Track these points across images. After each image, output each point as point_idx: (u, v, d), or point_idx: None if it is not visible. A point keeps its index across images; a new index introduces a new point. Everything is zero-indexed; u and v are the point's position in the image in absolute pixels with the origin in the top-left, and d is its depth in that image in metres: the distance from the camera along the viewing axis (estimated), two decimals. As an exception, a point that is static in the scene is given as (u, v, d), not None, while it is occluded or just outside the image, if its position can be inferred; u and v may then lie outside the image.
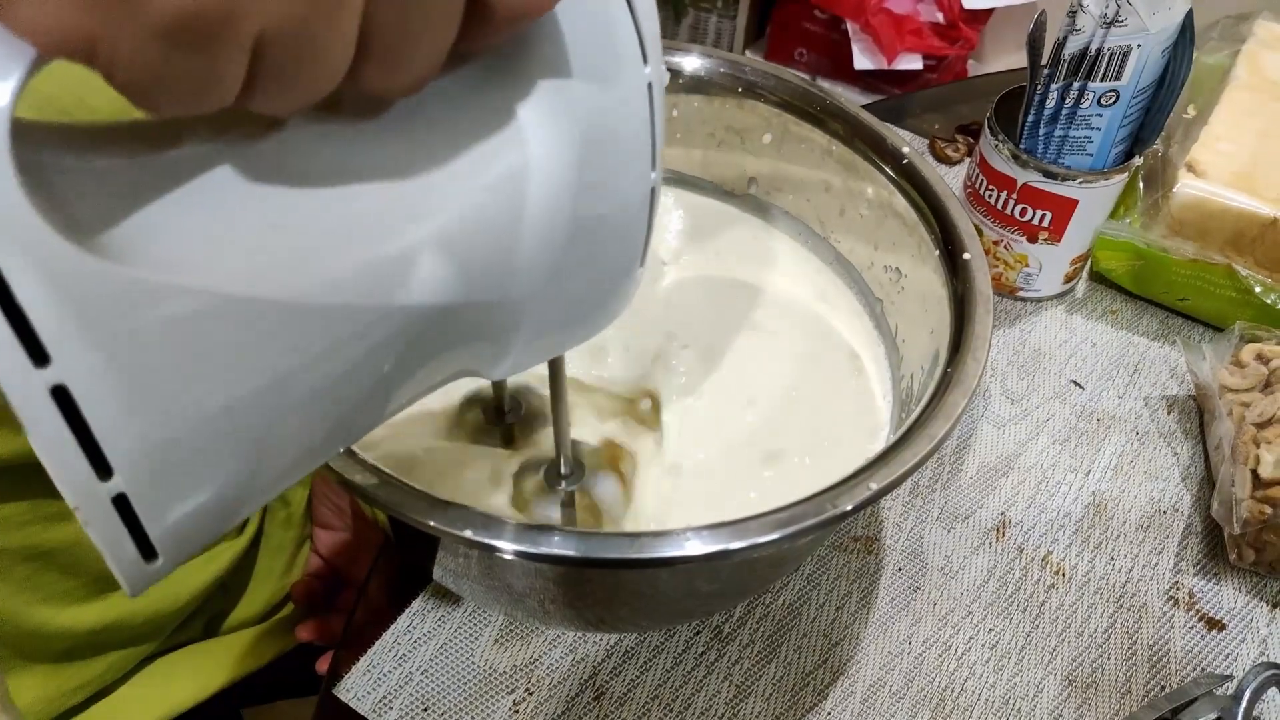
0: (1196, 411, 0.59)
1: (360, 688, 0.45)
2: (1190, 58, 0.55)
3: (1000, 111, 0.60)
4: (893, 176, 0.46)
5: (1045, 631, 0.49)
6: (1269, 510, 0.48)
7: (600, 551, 0.32)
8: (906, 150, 0.46)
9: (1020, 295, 0.64)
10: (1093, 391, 0.59)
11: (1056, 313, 0.64)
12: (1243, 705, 0.41)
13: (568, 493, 0.40)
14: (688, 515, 0.42)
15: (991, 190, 0.60)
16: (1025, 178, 0.58)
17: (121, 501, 0.19)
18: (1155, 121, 0.58)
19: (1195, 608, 0.50)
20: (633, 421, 0.45)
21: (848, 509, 0.33)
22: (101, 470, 0.19)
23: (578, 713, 0.45)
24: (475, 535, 0.31)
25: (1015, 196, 0.59)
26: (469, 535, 0.31)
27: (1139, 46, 0.53)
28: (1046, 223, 0.59)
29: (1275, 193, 0.59)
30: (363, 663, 0.45)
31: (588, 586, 0.39)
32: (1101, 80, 0.55)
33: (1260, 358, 0.53)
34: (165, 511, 0.20)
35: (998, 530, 0.52)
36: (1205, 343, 0.58)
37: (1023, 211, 0.59)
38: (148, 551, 0.21)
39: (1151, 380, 0.60)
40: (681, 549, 0.32)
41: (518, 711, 0.44)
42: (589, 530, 0.39)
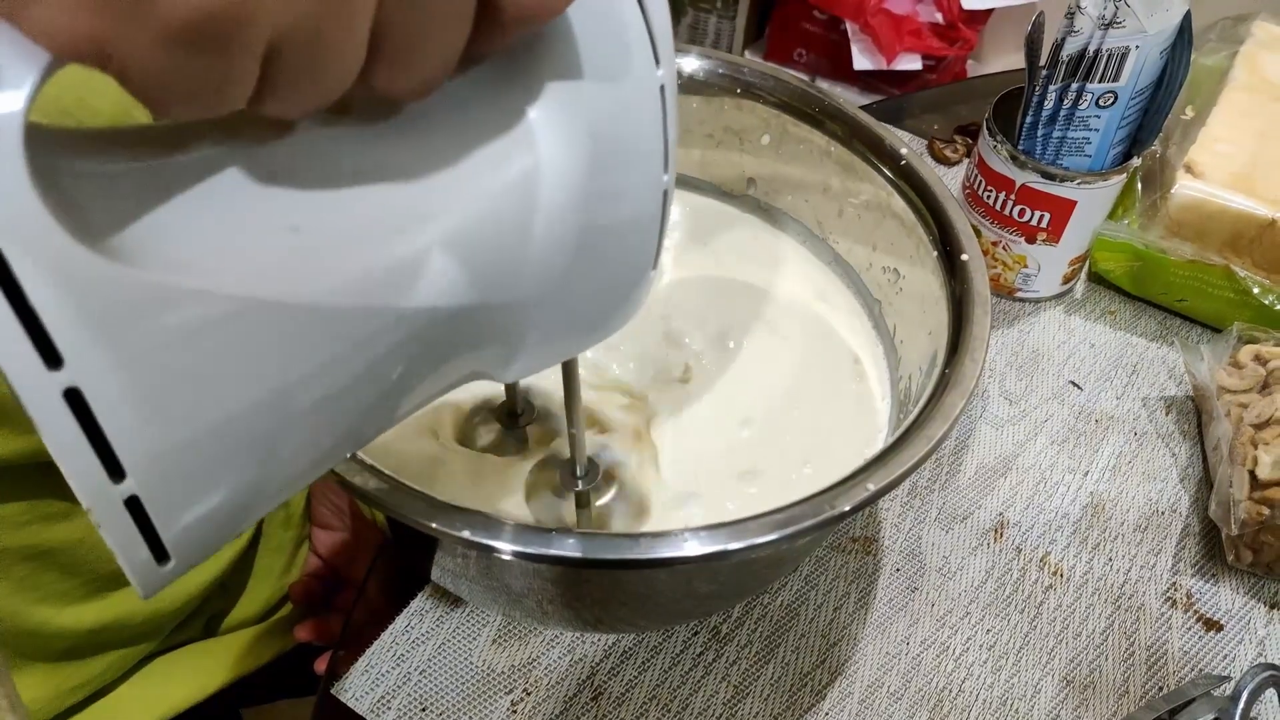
0: (1194, 412, 0.59)
1: (359, 688, 0.45)
2: (1188, 59, 0.55)
3: (999, 112, 0.60)
4: (891, 177, 0.47)
5: (1043, 632, 0.49)
6: (1267, 511, 0.48)
7: (598, 552, 0.32)
8: (905, 151, 0.46)
9: (1018, 296, 0.64)
10: (1091, 392, 0.59)
11: (1055, 314, 0.64)
12: (1240, 706, 0.41)
13: (583, 493, 0.40)
14: (687, 515, 0.42)
15: (990, 191, 0.60)
16: (1023, 179, 0.58)
17: (134, 504, 0.19)
18: (1153, 123, 0.58)
19: (1193, 608, 0.50)
20: (632, 421, 0.45)
21: (846, 510, 0.33)
22: (114, 472, 0.19)
23: (575, 713, 0.45)
24: (473, 536, 0.31)
25: (1013, 197, 0.59)
26: (467, 536, 0.31)
27: (1137, 48, 0.53)
28: (1045, 224, 0.59)
29: (1273, 194, 0.59)
30: (361, 663, 0.45)
31: (586, 587, 0.39)
32: (1100, 81, 0.55)
33: (1258, 359, 0.53)
34: (178, 513, 0.21)
35: (996, 531, 0.53)
36: (1203, 344, 0.58)
37: (1021, 212, 0.59)
38: (160, 553, 0.21)
39: (1150, 381, 0.60)
40: (680, 550, 0.32)
41: (516, 711, 0.44)
42: (587, 530, 0.39)
